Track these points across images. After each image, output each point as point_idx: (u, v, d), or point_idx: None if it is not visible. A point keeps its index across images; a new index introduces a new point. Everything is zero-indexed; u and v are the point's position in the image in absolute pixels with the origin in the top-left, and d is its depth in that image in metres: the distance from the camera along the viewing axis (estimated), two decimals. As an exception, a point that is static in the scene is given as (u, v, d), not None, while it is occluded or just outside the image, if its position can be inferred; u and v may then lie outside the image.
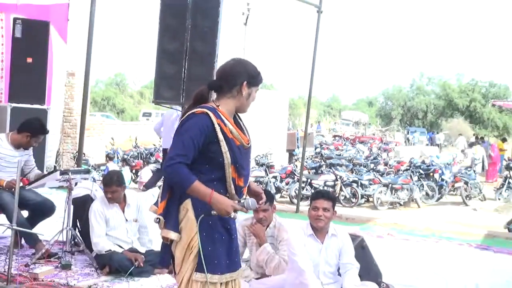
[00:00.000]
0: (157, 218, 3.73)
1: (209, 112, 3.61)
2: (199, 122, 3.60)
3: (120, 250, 6.66)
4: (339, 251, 5.53)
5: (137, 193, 12.11)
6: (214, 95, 3.84)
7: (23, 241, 7.40)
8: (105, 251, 6.57)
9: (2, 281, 5.88)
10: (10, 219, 6.51)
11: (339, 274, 5.58)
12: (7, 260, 6.01)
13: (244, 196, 3.85)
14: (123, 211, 6.88)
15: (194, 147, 3.57)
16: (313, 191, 15.35)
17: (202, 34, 10.55)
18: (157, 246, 6.64)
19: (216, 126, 3.60)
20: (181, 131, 3.62)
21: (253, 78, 3.77)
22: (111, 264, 6.47)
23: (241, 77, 3.72)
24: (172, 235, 3.67)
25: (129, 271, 6.35)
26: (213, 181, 3.67)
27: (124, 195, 6.94)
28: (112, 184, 6.73)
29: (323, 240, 5.49)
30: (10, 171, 7.02)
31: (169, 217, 3.70)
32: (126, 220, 6.87)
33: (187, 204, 3.65)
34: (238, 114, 3.87)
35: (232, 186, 3.71)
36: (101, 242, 6.63)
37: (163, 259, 4.11)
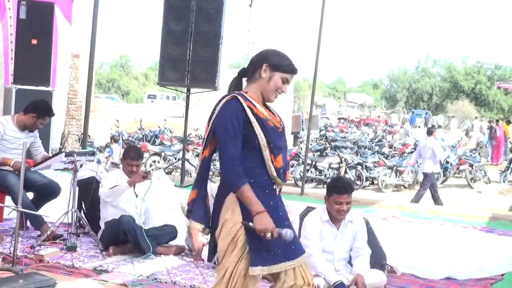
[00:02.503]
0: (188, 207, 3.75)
1: (238, 96, 3.64)
2: (231, 108, 3.63)
3: None
4: (353, 236, 5.52)
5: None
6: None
7: (28, 223, 7.39)
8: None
9: (8, 263, 5.90)
10: (15, 201, 6.50)
11: (350, 263, 5.57)
12: (13, 242, 6.01)
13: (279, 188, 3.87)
14: (134, 187, 6.92)
15: (239, 138, 3.61)
16: (317, 173, 15.42)
17: (207, 15, 10.54)
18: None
19: (246, 108, 3.61)
20: (220, 125, 3.64)
21: (275, 62, 3.72)
22: (120, 227, 6.51)
23: (263, 60, 3.72)
24: (198, 226, 3.70)
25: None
26: (255, 168, 3.68)
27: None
28: (139, 159, 6.93)
29: (339, 226, 5.47)
30: (15, 153, 7.01)
31: (197, 207, 3.73)
32: (136, 196, 6.89)
33: (234, 196, 3.63)
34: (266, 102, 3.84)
35: (272, 168, 3.70)
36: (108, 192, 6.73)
37: (211, 253, 3.98)
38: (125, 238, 6.53)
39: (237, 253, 3.58)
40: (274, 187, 3.78)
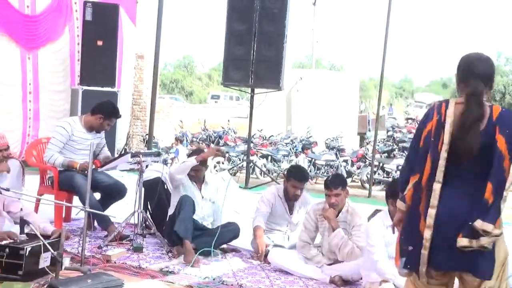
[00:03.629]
0: None
1: None
2: None
3: None
4: None
5: (215, 174, 12.23)
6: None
7: (95, 223, 7.51)
8: None
9: (76, 262, 6.01)
10: (83, 201, 6.63)
11: None
12: (81, 242, 6.12)
13: None
14: (200, 189, 6.97)
15: None
16: (385, 175, 15.27)
17: (271, 14, 10.55)
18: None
19: None
20: None
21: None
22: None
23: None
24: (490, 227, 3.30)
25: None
26: None
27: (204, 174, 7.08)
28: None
29: None
30: (82, 153, 7.17)
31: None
32: (202, 197, 6.95)
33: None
34: None
35: None
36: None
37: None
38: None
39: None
40: None
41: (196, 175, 6.91)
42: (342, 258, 5.98)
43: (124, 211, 7.41)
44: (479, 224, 3.21)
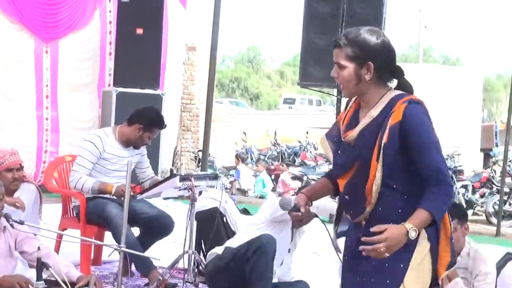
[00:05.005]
0: None
1: None
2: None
3: None
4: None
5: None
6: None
7: (133, 267, 7.58)
8: None
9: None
10: (117, 238, 6.69)
11: None
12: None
13: None
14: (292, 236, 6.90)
15: None
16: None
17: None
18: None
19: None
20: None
21: None
22: None
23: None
24: None
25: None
26: None
27: None
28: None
29: None
30: (117, 175, 7.26)
31: None
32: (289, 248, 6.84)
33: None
34: None
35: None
36: None
37: None
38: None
39: None
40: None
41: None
42: (461, 318, 5.91)
43: (171, 251, 7.48)
44: None
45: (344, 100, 11.73)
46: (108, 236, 7.40)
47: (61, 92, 12.25)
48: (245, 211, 8.43)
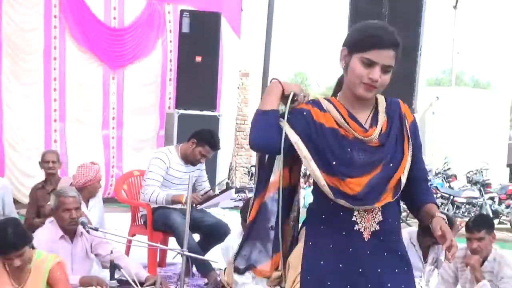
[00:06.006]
0: None
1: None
2: None
3: None
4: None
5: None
6: None
7: (194, 269, 7.66)
8: None
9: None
10: (180, 243, 6.78)
11: None
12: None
13: None
14: None
15: None
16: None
17: (403, 21, 10.45)
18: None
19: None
20: None
21: (350, 40, 3.06)
22: None
23: (343, 42, 3.09)
24: None
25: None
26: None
27: None
28: None
29: None
30: (180, 188, 7.32)
31: None
32: None
33: (302, 234, 3.26)
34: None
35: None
36: None
37: None
38: None
39: None
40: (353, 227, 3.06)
41: None
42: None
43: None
44: None
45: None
46: (172, 241, 7.49)
47: (126, 114, 12.41)
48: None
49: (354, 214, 2.98)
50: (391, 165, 3.01)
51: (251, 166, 15.06)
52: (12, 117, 11.07)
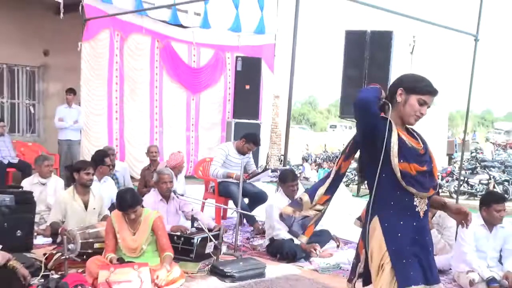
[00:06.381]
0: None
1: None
2: None
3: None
4: (504, 239, 5.29)
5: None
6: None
7: (245, 221, 7.71)
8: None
9: (231, 249, 6.20)
10: (236, 204, 6.81)
11: (501, 262, 5.33)
12: (234, 234, 6.32)
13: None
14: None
15: None
16: (469, 188, 14.65)
17: (378, 63, 10.37)
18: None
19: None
20: None
21: (409, 85, 2.97)
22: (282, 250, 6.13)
23: (397, 85, 3.01)
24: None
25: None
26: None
27: None
28: (295, 179, 6.56)
29: (492, 230, 5.28)
30: (235, 169, 7.34)
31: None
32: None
33: (375, 222, 3.00)
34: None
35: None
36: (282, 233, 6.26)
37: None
38: None
39: (386, 277, 2.91)
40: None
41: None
42: (435, 252, 5.80)
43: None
44: None
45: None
46: (230, 203, 7.48)
47: (201, 122, 12.44)
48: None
49: (415, 199, 2.96)
50: (431, 166, 3.03)
51: (281, 155, 14.99)
52: (130, 124, 11.19)
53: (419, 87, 2.96)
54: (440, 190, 14.16)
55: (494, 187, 14.47)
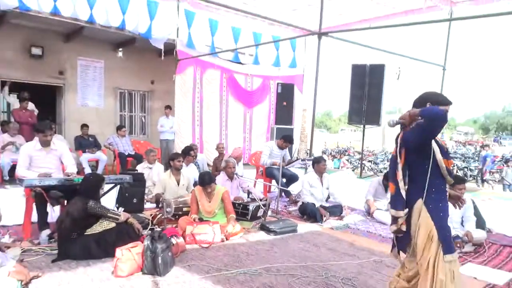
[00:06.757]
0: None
1: None
2: None
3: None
4: (465, 209, 5.08)
5: (342, 171, 11.88)
6: None
7: (283, 194, 7.66)
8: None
9: (274, 213, 6.16)
10: (277, 182, 6.79)
11: (462, 225, 5.11)
12: (276, 203, 6.28)
13: None
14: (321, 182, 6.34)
15: None
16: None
17: (374, 86, 10.12)
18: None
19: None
20: None
21: (433, 98, 2.76)
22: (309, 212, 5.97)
23: (423, 100, 2.77)
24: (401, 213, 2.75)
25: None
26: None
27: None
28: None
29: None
30: (277, 159, 7.28)
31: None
32: (322, 186, 6.27)
33: (419, 204, 2.72)
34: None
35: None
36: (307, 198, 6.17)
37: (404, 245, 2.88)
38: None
39: (434, 246, 2.69)
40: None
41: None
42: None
43: (297, 188, 7.45)
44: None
45: (361, 129, 11.38)
46: (273, 181, 7.42)
47: (253, 128, 12.34)
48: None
49: (446, 186, 2.79)
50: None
51: (307, 149, 14.80)
52: (206, 129, 11.22)
53: (443, 100, 2.76)
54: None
55: (457, 172, 13.90)
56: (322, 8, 7.15)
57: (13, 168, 7.07)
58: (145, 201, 5.93)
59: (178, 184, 5.98)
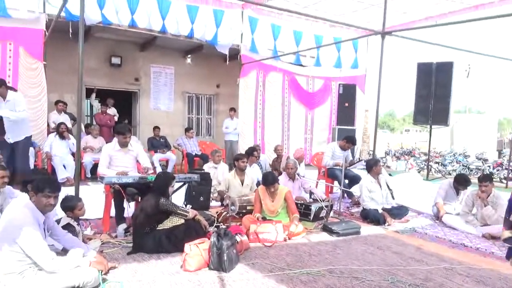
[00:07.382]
0: None
1: None
2: None
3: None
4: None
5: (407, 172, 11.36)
6: None
7: (345, 195, 7.41)
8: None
9: (336, 214, 6.02)
10: (339, 183, 6.64)
11: None
12: (338, 203, 6.14)
13: None
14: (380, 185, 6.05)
15: None
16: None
17: (441, 85, 9.60)
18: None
19: None
20: None
21: None
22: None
23: None
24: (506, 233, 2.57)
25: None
26: None
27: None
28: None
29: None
30: (339, 160, 7.11)
31: None
32: (381, 188, 5.96)
33: None
34: None
35: None
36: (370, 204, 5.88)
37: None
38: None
39: None
40: None
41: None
42: (490, 222, 5.22)
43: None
44: None
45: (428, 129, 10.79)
46: (335, 183, 7.24)
47: (315, 129, 12.17)
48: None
49: None
50: None
51: (370, 150, 14.36)
52: (268, 130, 11.24)
53: None
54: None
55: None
56: (386, 7, 6.89)
57: (94, 166, 7.60)
58: (211, 199, 6.08)
59: (242, 184, 6.06)
